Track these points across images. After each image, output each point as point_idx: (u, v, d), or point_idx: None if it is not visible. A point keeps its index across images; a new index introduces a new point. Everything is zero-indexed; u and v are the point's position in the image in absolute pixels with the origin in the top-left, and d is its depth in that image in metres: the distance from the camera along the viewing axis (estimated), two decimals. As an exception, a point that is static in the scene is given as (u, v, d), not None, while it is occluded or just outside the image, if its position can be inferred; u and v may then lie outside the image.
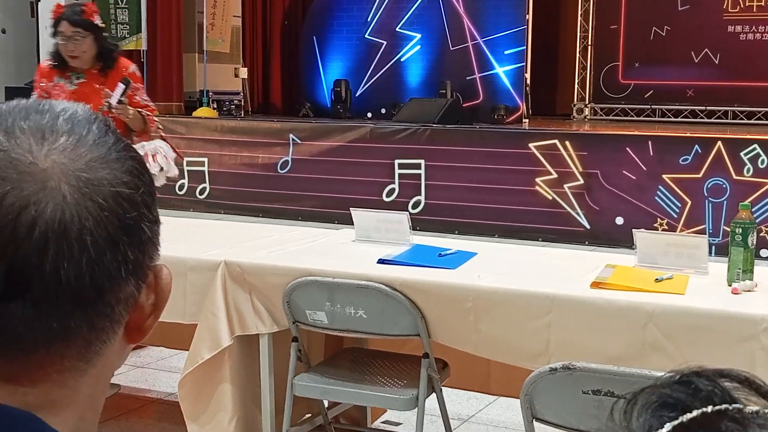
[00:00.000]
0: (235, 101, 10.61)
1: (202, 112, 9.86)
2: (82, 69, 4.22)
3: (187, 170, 8.55)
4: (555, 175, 7.35)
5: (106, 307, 0.67)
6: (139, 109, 4.27)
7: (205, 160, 8.56)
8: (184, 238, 3.32)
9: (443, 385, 3.01)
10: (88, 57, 4.19)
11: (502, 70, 10.47)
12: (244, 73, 10.88)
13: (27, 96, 0.76)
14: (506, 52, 10.39)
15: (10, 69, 11.52)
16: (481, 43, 10.55)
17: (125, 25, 10.40)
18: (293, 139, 8.26)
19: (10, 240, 0.62)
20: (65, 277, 0.64)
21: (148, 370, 4.35)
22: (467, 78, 10.56)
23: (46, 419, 0.66)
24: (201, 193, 8.60)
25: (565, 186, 7.32)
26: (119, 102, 4.15)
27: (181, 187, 8.57)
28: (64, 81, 4.24)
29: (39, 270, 0.63)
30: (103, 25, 4.37)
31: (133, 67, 4.40)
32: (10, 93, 9.97)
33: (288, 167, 8.29)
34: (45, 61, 4.39)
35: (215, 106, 10.34)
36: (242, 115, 10.37)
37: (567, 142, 7.33)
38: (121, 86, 4.19)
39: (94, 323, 0.67)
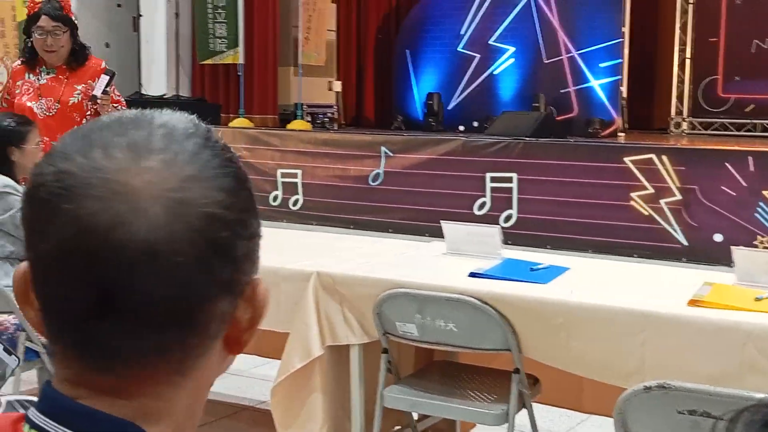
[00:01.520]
0: (329, 114, 10.72)
1: (296, 124, 10.00)
2: (52, 65, 4.23)
3: (281, 182, 8.67)
4: (651, 190, 7.20)
5: (198, 323, 0.68)
6: (114, 104, 4.33)
7: (299, 171, 8.67)
8: (277, 249, 3.37)
9: (534, 401, 2.98)
10: (64, 52, 4.21)
11: (597, 84, 10.33)
12: (337, 86, 10.99)
13: (128, 108, 0.77)
14: (602, 65, 10.25)
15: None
16: (576, 55, 10.42)
17: (223, 39, 10.63)
18: (385, 152, 8.30)
19: (103, 259, 0.63)
20: (156, 296, 0.64)
21: (242, 378, 4.42)
22: (561, 91, 10.44)
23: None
24: (294, 204, 8.71)
25: (662, 201, 7.17)
26: (104, 93, 4.21)
27: (275, 199, 8.69)
28: (33, 77, 4.26)
29: (130, 289, 0.64)
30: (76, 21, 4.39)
31: (104, 63, 4.43)
32: (113, 105, 10.28)
33: (379, 179, 8.33)
34: (16, 61, 4.40)
35: (309, 118, 10.46)
36: (335, 127, 10.47)
37: (664, 157, 7.18)
38: (105, 77, 4.24)
39: (186, 339, 0.68)
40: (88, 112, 4.30)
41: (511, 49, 10.83)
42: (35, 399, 0.95)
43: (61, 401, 0.67)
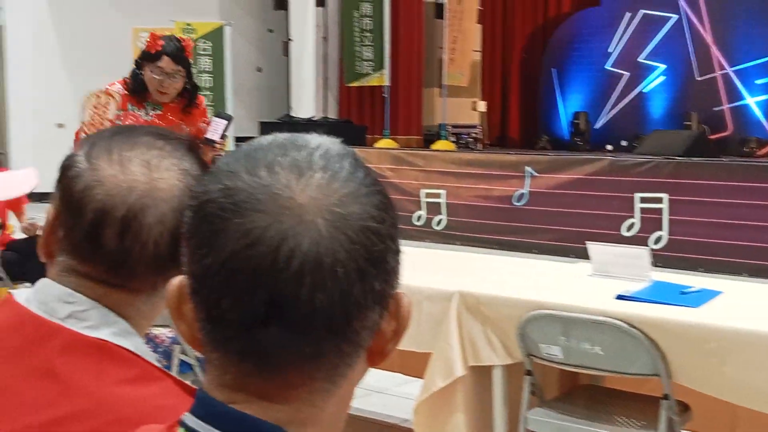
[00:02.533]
0: (473, 134, 10.72)
1: (440, 145, 10.05)
2: (157, 100, 4.09)
3: (425, 202, 8.72)
4: (811, 212, 6.86)
5: (353, 333, 0.71)
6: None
7: (443, 192, 8.70)
8: (420, 268, 3.39)
9: (684, 429, 2.88)
10: (175, 93, 4.08)
11: (753, 101, 9.93)
12: (482, 106, 10.99)
13: (279, 130, 0.81)
14: (758, 82, 9.85)
15: (263, 105, 12.28)
16: (731, 72, 10.06)
17: (369, 62, 10.82)
18: (530, 172, 8.23)
19: (270, 270, 0.67)
20: (319, 305, 0.68)
21: (386, 396, 4.46)
22: (714, 109, 10.10)
23: None
24: (438, 224, 8.74)
25: (823, 223, 6.81)
26: (222, 137, 4.09)
27: (419, 218, 8.75)
28: (139, 111, 4.10)
29: (295, 298, 0.67)
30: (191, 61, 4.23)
31: (205, 102, 4.33)
32: (265, 127, 10.62)
33: (524, 200, 8.26)
34: (113, 85, 4.15)
35: (453, 139, 10.50)
36: (479, 147, 10.46)
37: (826, 177, 6.83)
38: (222, 121, 4.11)
39: (342, 348, 0.71)
40: None
41: (662, 67, 10.56)
42: None
43: (215, 406, 0.71)
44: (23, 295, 1.05)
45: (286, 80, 11.97)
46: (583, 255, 3.51)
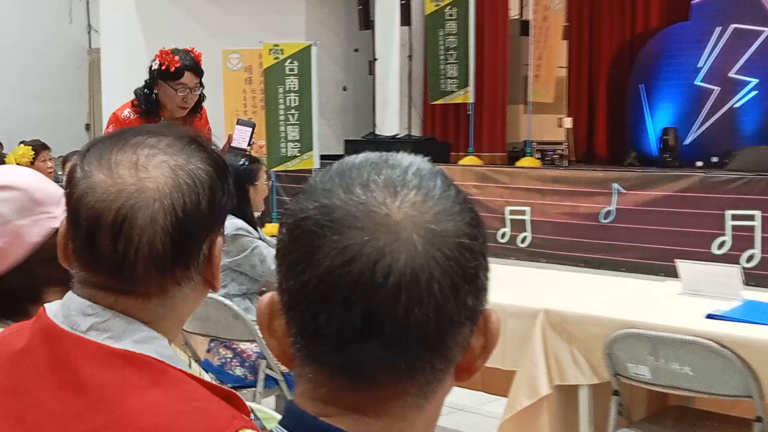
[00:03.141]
0: (559, 151, 10.62)
1: (525, 161, 9.98)
2: (171, 116, 3.99)
3: (510, 219, 8.67)
4: None
5: (446, 349, 0.72)
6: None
7: (527, 209, 8.63)
8: (504, 285, 3.37)
9: (778, 454, 2.79)
10: (191, 105, 3.98)
11: None
12: (568, 122, 10.88)
13: (364, 148, 0.82)
14: None
15: (349, 123, 12.39)
16: (826, 86, 9.76)
17: (454, 80, 10.83)
18: (617, 189, 8.11)
19: (368, 285, 0.69)
20: (414, 321, 0.69)
21: (470, 414, 4.44)
22: (810, 124, 9.80)
23: None
24: (522, 241, 8.67)
25: None
26: (249, 144, 4.08)
27: (503, 236, 8.69)
28: None
29: (392, 314, 0.69)
30: None
31: (205, 111, 4.22)
32: (350, 145, 10.71)
33: (611, 217, 8.14)
34: (123, 110, 4.03)
35: (539, 155, 10.41)
36: (565, 164, 10.35)
37: None
38: (246, 129, 4.09)
39: (435, 364, 0.72)
40: None
41: (754, 81, 10.30)
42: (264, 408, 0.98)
43: (306, 419, 0.73)
44: (52, 308, 1.06)
45: (371, 99, 12.06)
46: (672, 273, 3.44)
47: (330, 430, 0.72)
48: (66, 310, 1.04)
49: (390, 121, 11.52)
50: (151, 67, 3.90)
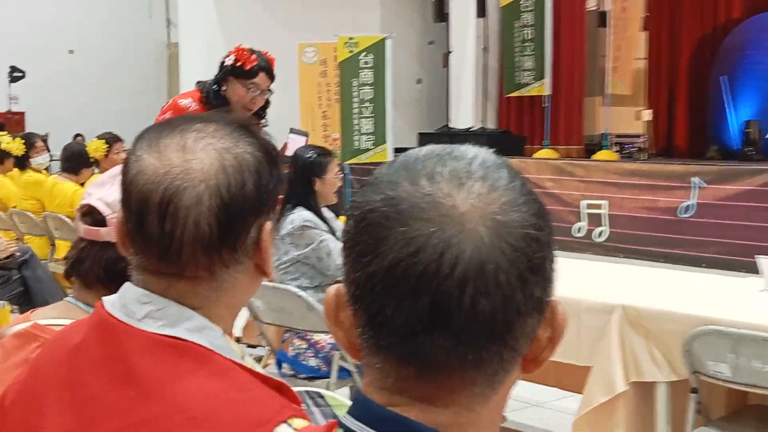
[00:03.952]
0: (637, 144, 10.45)
1: (602, 155, 9.85)
2: None
3: (586, 213, 8.56)
4: None
5: (513, 339, 0.72)
6: None
7: (604, 203, 8.51)
8: (580, 280, 3.33)
9: None
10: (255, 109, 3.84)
11: None
12: (647, 115, 10.70)
13: (437, 141, 0.82)
14: None
15: (423, 116, 12.39)
16: None
17: (530, 72, 10.74)
18: (698, 183, 7.94)
19: (434, 276, 0.68)
20: (481, 311, 0.69)
21: (545, 410, 4.41)
22: None
23: None
24: (599, 236, 8.55)
25: None
26: None
27: (579, 230, 8.59)
28: None
29: (459, 304, 0.69)
30: None
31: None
32: (423, 138, 10.70)
33: (691, 211, 7.97)
34: (184, 99, 3.88)
35: (616, 148, 10.26)
36: (644, 157, 10.18)
37: None
38: (301, 138, 4.07)
39: (502, 354, 0.72)
40: None
41: (841, 72, 9.98)
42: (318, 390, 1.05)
43: (374, 408, 0.73)
44: (111, 299, 1.08)
45: (445, 91, 12.04)
46: (754, 269, 3.36)
47: (397, 420, 0.72)
48: (123, 299, 1.06)
49: (464, 114, 11.48)
50: (223, 62, 3.80)
